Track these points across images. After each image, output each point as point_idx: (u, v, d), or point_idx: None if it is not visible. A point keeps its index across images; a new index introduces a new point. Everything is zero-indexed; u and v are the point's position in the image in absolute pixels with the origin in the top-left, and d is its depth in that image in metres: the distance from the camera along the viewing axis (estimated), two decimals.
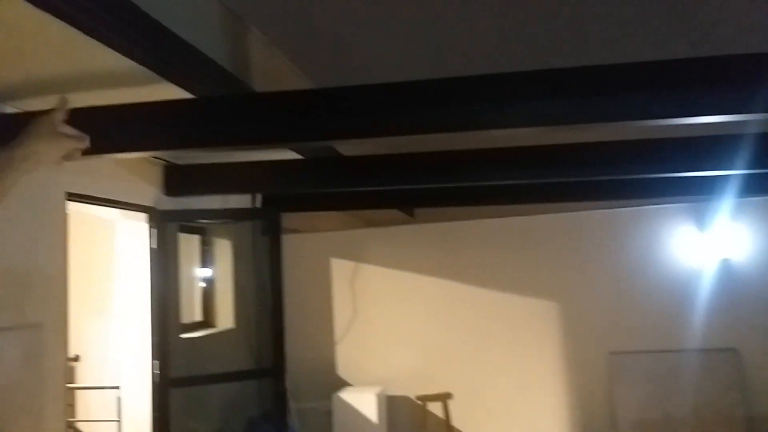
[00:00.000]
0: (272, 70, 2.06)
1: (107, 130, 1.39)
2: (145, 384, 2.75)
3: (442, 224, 3.99)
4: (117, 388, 2.86)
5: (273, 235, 3.23)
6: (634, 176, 2.69)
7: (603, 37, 1.87)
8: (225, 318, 3.71)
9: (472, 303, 3.91)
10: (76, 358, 3.24)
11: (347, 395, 3.78)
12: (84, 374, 3.26)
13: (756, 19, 1.74)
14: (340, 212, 3.87)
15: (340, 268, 4.13)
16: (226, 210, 3.29)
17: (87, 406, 3.18)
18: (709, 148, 2.10)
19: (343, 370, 4.10)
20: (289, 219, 3.78)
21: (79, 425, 3.14)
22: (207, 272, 3.70)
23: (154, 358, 2.75)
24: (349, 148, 2.58)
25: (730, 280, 3.50)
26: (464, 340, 3.92)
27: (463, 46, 1.97)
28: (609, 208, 3.66)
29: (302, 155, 2.40)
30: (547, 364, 3.78)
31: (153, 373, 2.74)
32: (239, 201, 3.33)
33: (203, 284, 3.69)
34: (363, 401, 3.73)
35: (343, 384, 4.03)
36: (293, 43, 2.03)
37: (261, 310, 3.74)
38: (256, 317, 3.75)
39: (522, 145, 2.34)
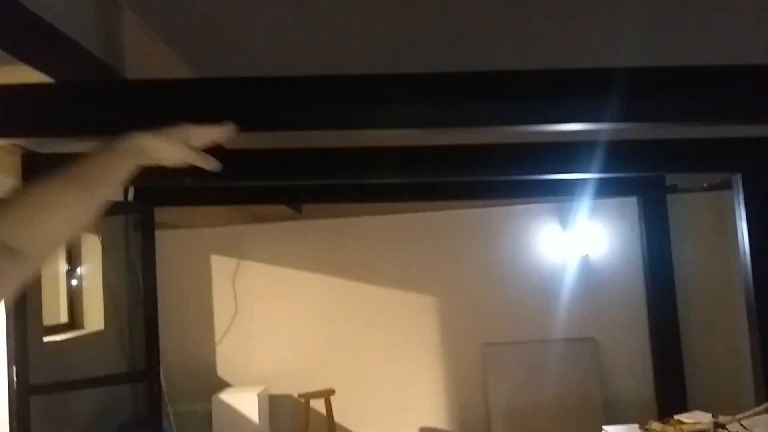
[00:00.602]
0: (149, 57, 1.95)
1: None
2: (1, 392, 2.52)
3: (328, 221, 3.99)
4: None
5: (146, 230, 3.08)
6: (505, 177, 2.85)
7: (476, 45, 1.96)
8: (94, 319, 3.47)
9: (355, 299, 3.96)
10: None
11: (227, 396, 3.69)
12: None
13: (606, 36, 1.91)
14: (222, 207, 3.76)
15: (221, 266, 4.01)
16: None
17: None
18: (570, 153, 2.28)
19: (223, 371, 3.99)
20: (165, 213, 3.61)
21: None
22: (73, 270, 3.44)
23: (10, 363, 2.53)
24: (231, 140, 2.52)
25: (588, 275, 3.81)
26: (346, 336, 3.96)
27: (347, 45, 1.99)
28: (482, 206, 3.86)
29: None
30: (426, 357, 3.92)
31: (10, 380, 2.52)
32: None
33: (70, 283, 3.44)
34: (244, 401, 3.65)
35: (223, 385, 3.92)
36: (172, 29, 1.93)
37: (134, 310, 3.56)
38: (128, 317, 3.56)
39: (405, 144, 2.41)
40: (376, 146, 2.44)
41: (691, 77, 1.52)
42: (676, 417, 2.10)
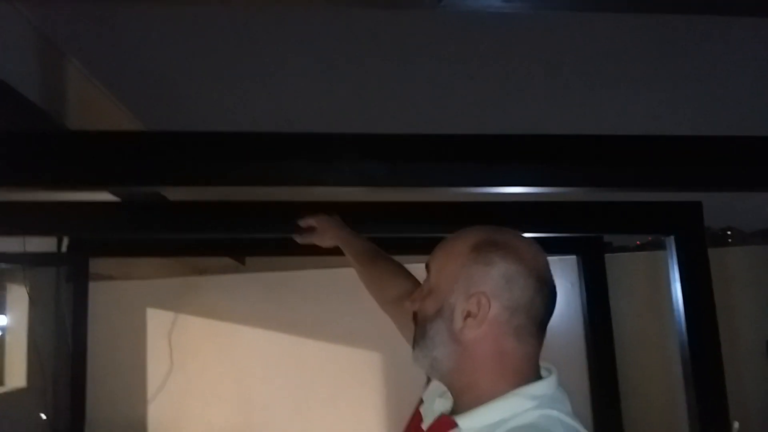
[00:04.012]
0: (94, 108, 1.91)
1: None
2: None
3: (272, 273, 3.92)
4: None
5: (79, 281, 2.94)
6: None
7: (423, 110, 2.02)
8: (16, 375, 3.24)
9: (298, 355, 3.85)
10: None
11: None
12: None
13: (548, 106, 2.01)
14: (160, 258, 3.64)
15: (157, 319, 3.85)
16: (23, 254, 2.93)
17: None
18: (513, 213, 2.35)
19: (155, 431, 3.77)
20: (100, 264, 3.47)
21: None
22: None
23: None
24: (175, 193, 2.46)
25: None
26: (288, 394, 3.84)
27: (298, 103, 2.01)
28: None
29: (119, 197, 2.23)
30: (373, 416, 3.83)
31: None
32: (40, 242, 2.99)
33: None
34: None
35: None
36: (118, 80, 1.90)
37: (60, 367, 3.35)
38: (53, 374, 3.34)
39: (353, 200, 2.42)
40: (324, 201, 2.43)
41: (622, 146, 1.62)
42: None
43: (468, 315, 0.84)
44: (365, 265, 1.54)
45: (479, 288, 0.84)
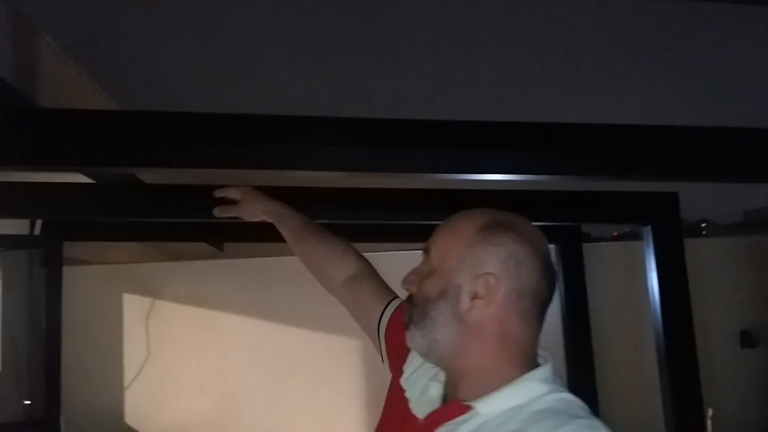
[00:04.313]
0: (67, 86, 1.86)
1: None
2: None
3: (251, 260, 3.88)
4: None
5: (53, 266, 2.89)
6: (431, 222, 2.88)
7: (410, 95, 2.01)
8: None
9: (277, 343, 3.84)
10: None
11: None
12: None
13: (536, 94, 2.01)
14: (137, 243, 3.59)
15: (133, 305, 3.80)
16: None
17: None
18: (493, 202, 2.35)
19: (132, 418, 3.74)
20: (75, 248, 3.41)
21: None
22: None
23: None
24: (151, 175, 2.42)
25: None
26: (267, 382, 3.82)
27: (278, 85, 1.98)
28: (411, 249, 3.88)
29: (93, 179, 2.19)
30: (352, 406, 3.83)
31: None
32: (12, 225, 2.92)
33: None
34: None
35: None
36: (92, 58, 1.86)
37: (35, 352, 3.30)
38: (27, 360, 3.29)
39: (333, 186, 2.41)
40: (303, 186, 2.41)
41: (600, 134, 1.63)
42: None
43: (475, 296, 0.83)
44: (304, 243, 1.43)
45: (487, 269, 0.83)
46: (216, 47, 1.71)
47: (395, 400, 1.01)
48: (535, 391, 0.81)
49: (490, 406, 0.81)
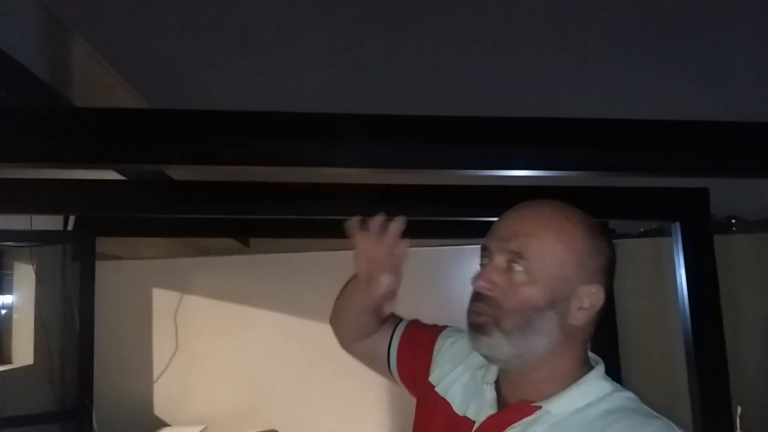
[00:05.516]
0: (98, 85, 1.91)
1: None
2: None
3: (276, 255, 3.93)
4: None
5: (85, 260, 2.96)
6: (457, 218, 2.88)
7: (436, 91, 2.01)
8: (23, 353, 3.27)
9: (302, 336, 3.87)
10: None
11: None
12: None
13: (562, 89, 2.00)
14: (166, 239, 3.65)
15: (162, 300, 3.87)
16: (30, 232, 2.94)
17: None
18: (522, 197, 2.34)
19: (160, 410, 3.82)
20: (107, 244, 3.48)
21: None
22: (2, 301, 3.25)
23: None
24: (180, 172, 2.46)
25: None
26: (291, 375, 3.87)
27: (305, 83, 2.00)
28: (429, 246, 3.88)
29: (125, 176, 2.24)
30: (375, 399, 3.86)
31: None
32: (46, 221, 3.00)
33: None
34: None
35: (160, 424, 3.75)
36: (123, 57, 1.90)
37: (67, 344, 3.38)
38: (60, 352, 3.37)
39: (358, 182, 2.42)
40: (329, 183, 2.43)
41: (629, 130, 1.61)
42: None
43: (581, 306, 0.81)
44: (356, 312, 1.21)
45: (596, 278, 0.81)
46: (244, 47, 1.73)
47: (431, 410, 0.99)
48: (602, 389, 0.81)
49: (561, 406, 0.79)
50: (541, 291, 0.80)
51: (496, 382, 0.89)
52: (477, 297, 0.84)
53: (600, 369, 0.85)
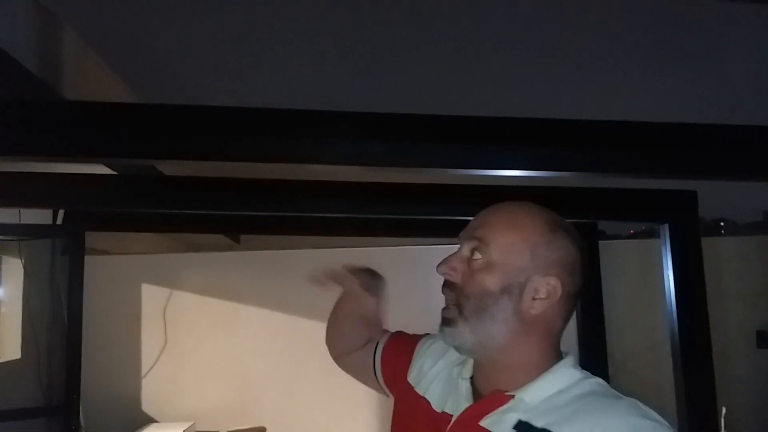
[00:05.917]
0: (90, 78, 1.89)
1: None
2: None
3: (267, 252, 3.92)
4: None
5: (74, 255, 2.94)
6: (448, 217, 2.89)
7: (429, 89, 2.01)
8: (11, 347, 3.25)
9: (291, 334, 3.87)
10: None
11: None
12: None
13: (553, 89, 2.00)
14: (156, 234, 3.63)
15: (151, 295, 3.85)
16: (18, 225, 2.92)
17: None
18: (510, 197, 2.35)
19: (148, 406, 3.80)
20: (96, 238, 3.47)
21: None
22: None
23: None
24: (170, 167, 2.45)
25: None
26: (280, 372, 3.86)
27: (297, 79, 2.00)
28: (424, 244, 3.89)
29: (115, 170, 2.23)
30: (364, 396, 3.86)
31: None
32: (35, 215, 2.98)
33: None
34: None
35: (148, 420, 3.73)
36: (115, 51, 1.89)
37: (55, 339, 3.36)
38: (48, 347, 3.35)
39: (350, 180, 2.42)
40: (321, 180, 2.43)
41: (618, 131, 1.62)
42: None
43: (536, 295, 0.85)
44: (348, 323, 1.42)
45: (552, 271, 0.86)
46: (236, 43, 1.72)
47: (412, 410, 1.02)
48: (572, 377, 0.85)
49: (533, 394, 0.84)
50: (496, 277, 0.86)
51: (471, 377, 0.93)
52: (444, 284, 0.93)
53: (570, 359, 0.89)
